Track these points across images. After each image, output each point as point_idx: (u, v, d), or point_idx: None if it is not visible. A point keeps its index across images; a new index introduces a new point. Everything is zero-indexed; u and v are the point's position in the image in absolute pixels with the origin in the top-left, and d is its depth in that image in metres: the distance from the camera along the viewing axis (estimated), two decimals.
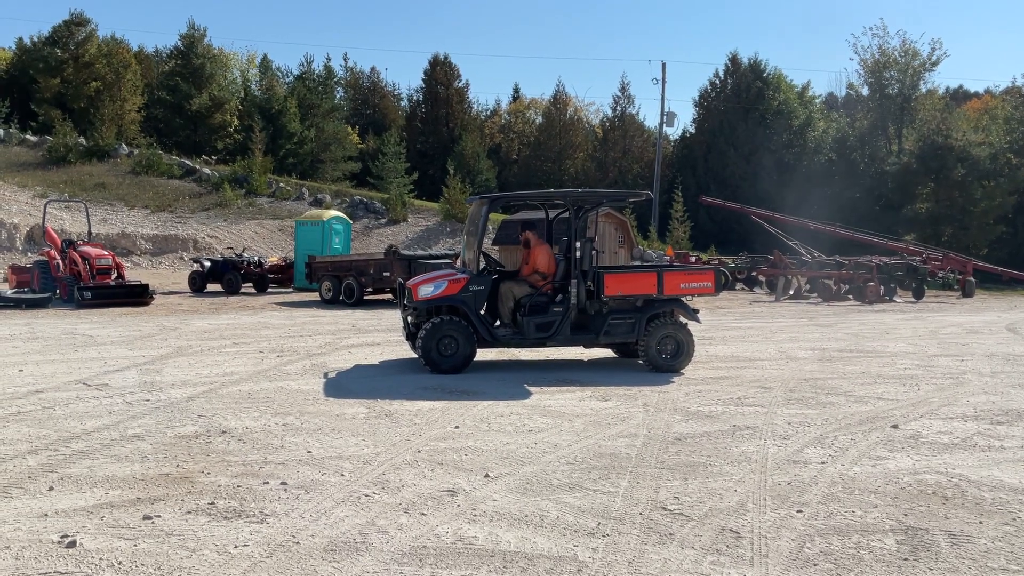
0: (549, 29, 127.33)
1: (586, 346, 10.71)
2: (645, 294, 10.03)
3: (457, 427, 7.02)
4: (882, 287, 22.96)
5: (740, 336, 13.87)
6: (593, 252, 10.30)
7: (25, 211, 30.27)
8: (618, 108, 55.64)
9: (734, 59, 52.93)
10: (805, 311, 19.38)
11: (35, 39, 50.21)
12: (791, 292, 23.83)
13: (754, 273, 26.87)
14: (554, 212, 11.34)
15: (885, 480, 5.61)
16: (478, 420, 7.29)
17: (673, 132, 54.92)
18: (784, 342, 13.09)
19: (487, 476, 5.61)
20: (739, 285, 27.03)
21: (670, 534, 4.61)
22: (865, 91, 53.11)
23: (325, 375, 9.57)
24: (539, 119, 60.85)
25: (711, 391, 8.79)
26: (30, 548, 4.27)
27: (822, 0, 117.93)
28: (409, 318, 10.34)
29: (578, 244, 10.07)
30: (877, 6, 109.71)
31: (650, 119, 77.03)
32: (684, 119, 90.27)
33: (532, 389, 8.80)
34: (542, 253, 10.40)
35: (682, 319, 10.28)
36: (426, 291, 9.88)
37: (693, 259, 28.81)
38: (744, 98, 50.46)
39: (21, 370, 9.56)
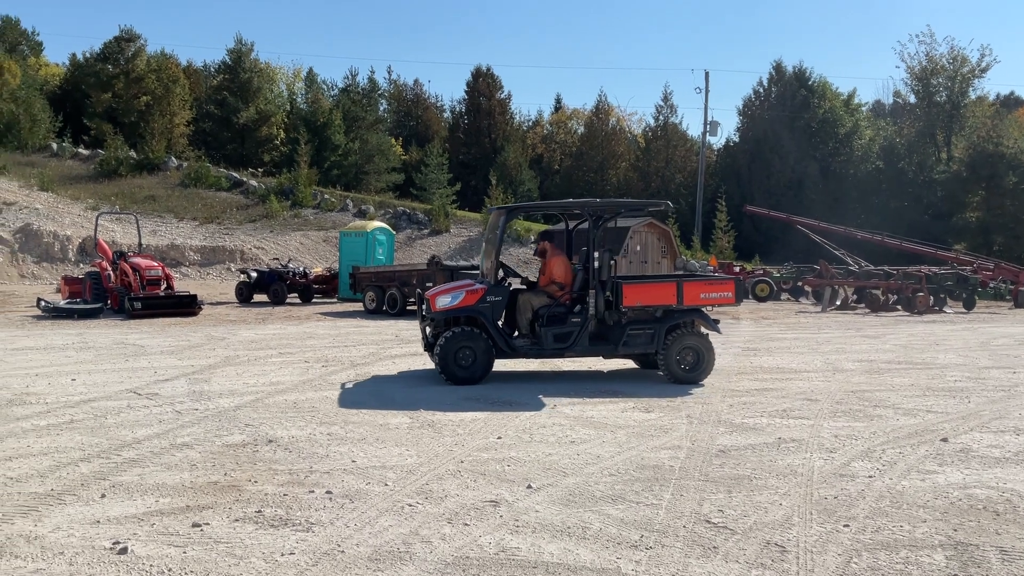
0: (591, 39, 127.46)
1: (605, 357, 10.61)
2: (664, 304, 9.95)
3: (499, 438, 7.05)
4: (932, 297, 22.54)
5: (785, 347, 13.71)
6: (612, 262, 10.25)
7: (77, 223, 31.00)
8: (661, 117, 55.48)
9: (778, 67, 52.53)
10: (852, 322, 19.10)
11: (87, 55, 51.67)
12: (837, 303, 23.49)
13: (800, 283, 26.55)
14: (574, 222, 11.23)
15: (934, 495, 5.51)
16: (520, 431, 7.31)
17: (716, 141, 54.68)
18: (830, 353, 12.92)
19: (529, 487, 5.62)
20: (784, 295, 26.72)
21: (714, 547, 4.58)
22: (912, 99, 52.37)
23: (349, 385, 9.66)
24: (581, 129, 60.93)
25: (756, 403, 8.71)
26: (83, 554, 4.38)
27: (867, 7, 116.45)
28: (428, 329, 10.31)
29: (596, 254, 9.99)
30: (924, 12, 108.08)
31: (693, 128, 76.59)
32: (727, 128, 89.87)
33: (574, 400, 8.80)
34: (558, 264, 10.34)
35: (703, 330, 10.18)
36: (444, 302, 9.89)
37: (737, 269, 28.58)
38: (789, 106, 49.99)
39: (74, 379, 9.80)
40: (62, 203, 33.52)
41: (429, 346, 10.17)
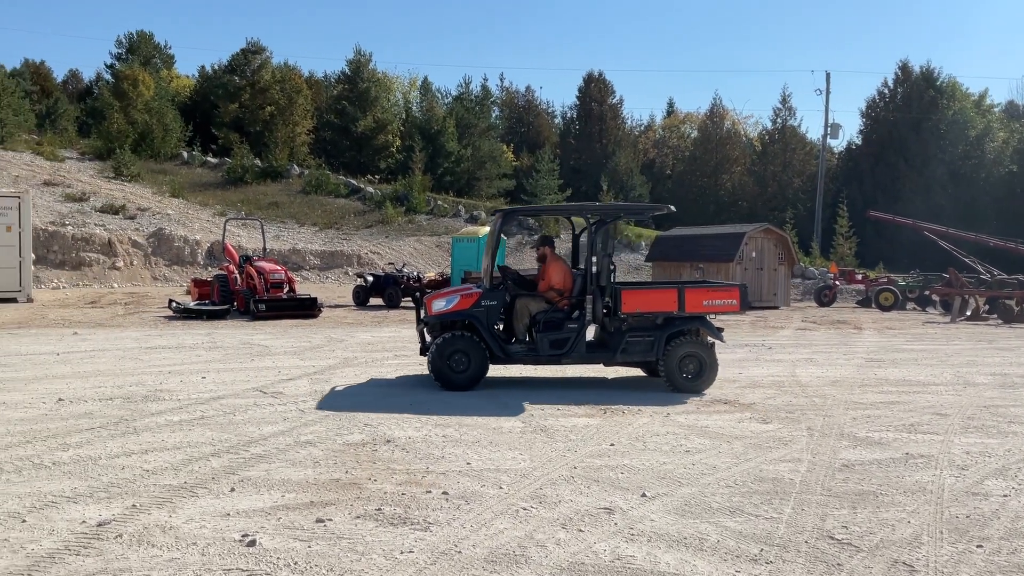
0: (705, 42, 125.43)
1: (605, 364, 10.33)
2: (665, 311, 9.67)
3: (612, 445, 7.01)
4: None
5: (912, 359, 13.13)
6: (611, 268, 10.00)
7: (206, 228, 32.53)
8: (778, 120, 54.06)
9: (904, 67, 50.42)
10: (984, 333, 18.12)
11: (216, 67, 54.21)
12: (968, 313, 22.33)
13: (927, 292, 25.36)
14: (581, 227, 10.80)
15: None
16: (633, 439, 7.26)
17: (837, 144, 52.84)
18: (961, 366, 12.30)
19: (644, 495, 5.57)
20: (910, 305, 25.59)
21: (838, 564, 4.43)
22: None
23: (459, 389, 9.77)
24: (694, 133, 60.05)
25: (881, 416, 8.37)
26: (214, 545, 4.59)
27: (1000, 5, 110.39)
28: (426, 333, 10.20)
29: (595, 259, 9.79)
30: None
31: (812, 131, 74.27)
32: (849, 130, 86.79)
33: (688, 408, 8.66)
34: (557, 269, 10.10)
35: (709, 338, 9.88)
36: (439, 306, 9.82)
37: (859, 277, 27.56)
38: (915, 107, 47.89)
39: (204, 377, 10.28)
40: (192, 209, 35.23)
41: (424, 350, 10.07)
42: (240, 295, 19.16)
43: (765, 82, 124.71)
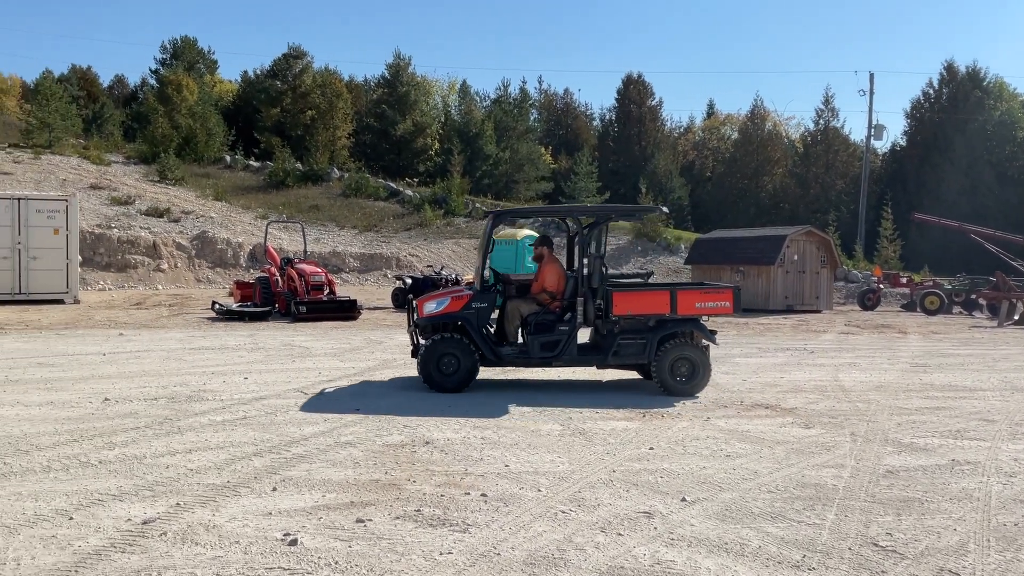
0: (746, 43, 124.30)
1: (598, 366, 10.25)
2: (657, 313, 9.56)
3: (651, 448, 6.97)
4: None
5: (958, 364, 12.88)
6: (604, 269, 9.87)
7: (248, 231, 32.95)
8: (821, 121, 53.40)
9: (950, 67, 49.59)
10: None
11: (258, 72, 54.97)
12: (1016, 317, 21.84)
13: (973, 296, 24.87)
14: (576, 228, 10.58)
15: None
16: (673, 443, 7.20)
17: (881, 145, 52.05)
18: (1009, 371, 12.04)
19: (684, 500, 5.53)
20: (956, 309, 25.10)
21: (882, 572, 4.36)
22: None
23: (501, 390, 9.76)
24: (734, 135, 59.53)
25: (926, 422, 8.22)
26: (256, 544, 4.64)
27: None
28: (416, 335, 10.15)
29: (586, 260, 9.72)
30: None
31: (856, 132, 73.18)
32: (894, 131, 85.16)
33: (728, 413, 8.58)
34: (551, 271, 9.99)
35: (704, 341, 9.76)
36: (430, 308, 9.79)
37: (904, 280, 27.10)
38: (961, 108, 47.01)
39: (246, 378, 10.41)
40: (234, 212, 35.70)
41: (416, 352, 10.01)
42: (281, 297, 19.37)
43: (808, 83, 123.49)
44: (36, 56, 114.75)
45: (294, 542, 4.63)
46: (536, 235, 27.11)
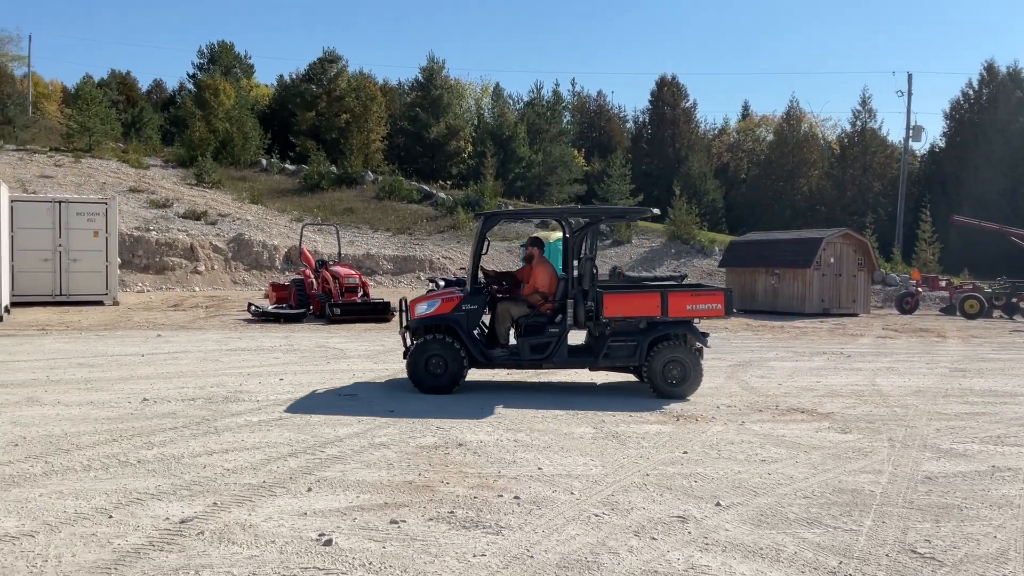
0: (782, 44, 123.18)
1: (591, 369, 10.17)
2: (648, 316, 9.49)
3: (685, 452, 6.93)
4: None
5: (999, 369, 12.65)
6: (594, 271, 9.86)
7: (284, 233, 33.24)
8: (858, 123, 52.68)
9: (990, 67, 48.73)
10: None
11: (293, 76, 55.37)
12: None
13: (1015, 300, 24.40)
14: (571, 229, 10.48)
15: None
16: (707, 447, 7.16)
17: (920, 147, 51.29)
18: None
19: (718, 504, 5.49)
20: (996, 313, 24.65)
21: None
22: None
23: (533, 392, 9.75)
24: (770, 136, 58.99)
25: (966, 428, 8.09)
26: (292, 544, 4.68)
27: None
28: (408, 336, 10.17)
29: (575, 262, 9.69)
30: None
31: (894, 134, 72.14)
32: (932, 133, 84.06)
33: (764, 417, 8.51)
34: (541, 273, 9.98)
35: (697, 343, 9.69)
36: (421, 309, 9.85)
37: (943, 283, 26.67)
38: (1002, 109, 46.17)
39: (281, 379, 10.51)
40: (270, 215, 36.05)
41: (407, 354, 10.02)
42: (316, 299, 19.52)
43: (844, 84, 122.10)
44: (77, 61, 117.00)
45: (329, 542, 4.67)
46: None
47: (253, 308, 19.59)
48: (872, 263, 24.88)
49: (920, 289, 26.16)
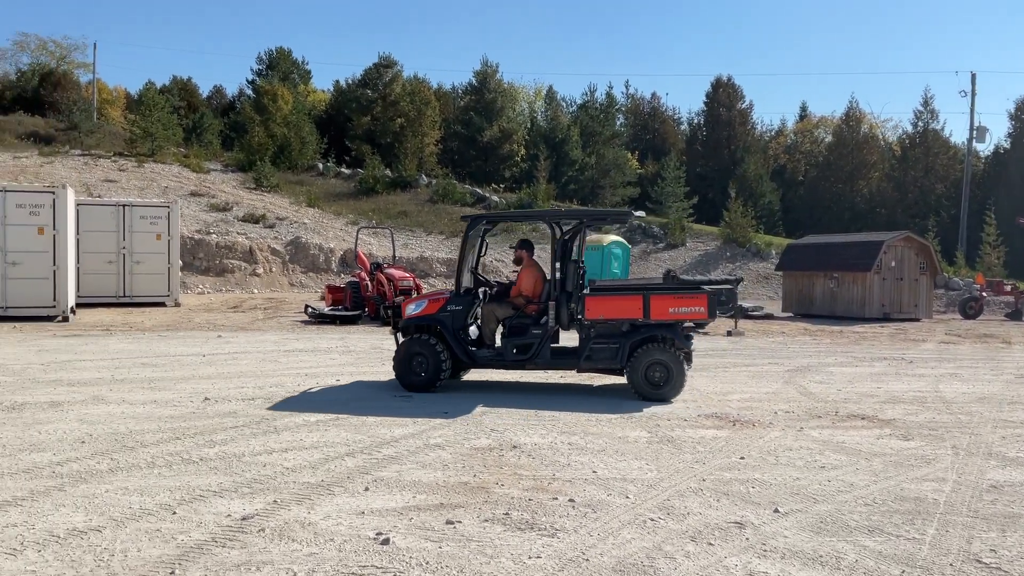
0: (841, 44, 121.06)
1: (578, 371, 10.09)
2: (630, 318, 9.43)
3: (742, 458, 6.85)
4: None
5: None
6: (579, 273, 9.86)
7: (339, 237, 33.69)
8: (919, 124, 51.59)
9: None
10: None
11: (349, 82, 56.12)
12: None
13: None
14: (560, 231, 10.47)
15: None
16: (765, 452, 7.06)
17: (984, 148, 49.96)
18: None
19: (777, 511, 5.41)
20: None
21: None
22: None
23: (586, 395, 9.72)
24: (828, 138, 58.00)
25: None
26: (350, 542, 4.74)
27: None
28: (397, 335, 10.36)
29: (558, 264, 9.73)
30: None
31: (957, 135, 70.50)
32: (997, 133, 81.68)
33: (823, 423, 8.37)
34: (527, 275, 10.10)
35: (679, 347, 9.50)
36: (411, 310, 10.07)
37: (1008, 288, 25.94)
38: None
39: (338, 380, 10.65)
40: (326, 218, 36.56)
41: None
42: (371, 301, 19.73)
43: (905, 84, 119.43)
44: (140, 68, 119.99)
45: (386, 541, 4.72)
46: (622, 240, 26.98)
47: (310, 310, 19.89)
48: (934, 267, 24.31)
49: (984, 294, 25.47)
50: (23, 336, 15.22)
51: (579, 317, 9.66)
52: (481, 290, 10.28)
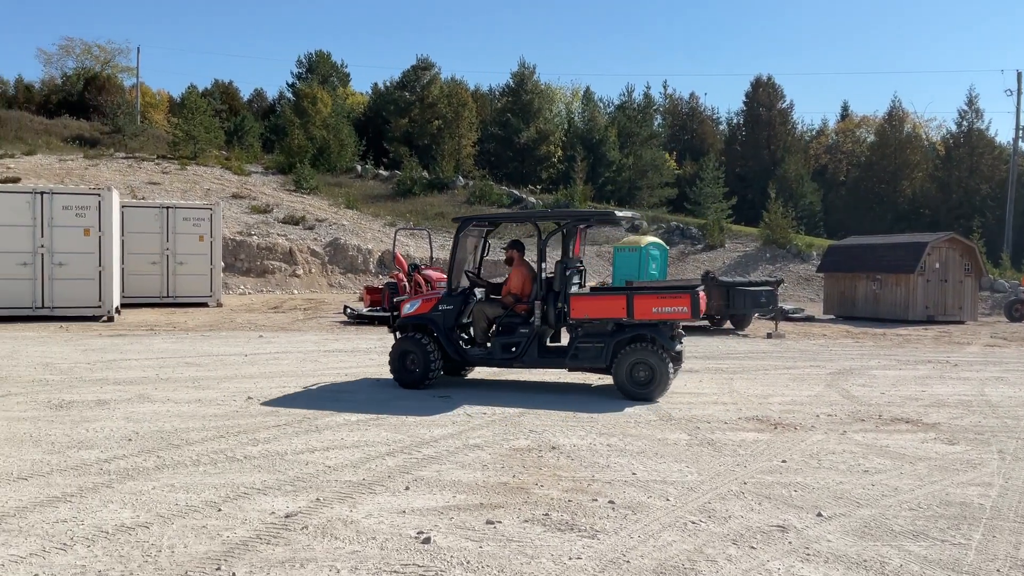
0: (883, 42, 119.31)
1: (570, 370, 10.09)
2: (614, 318, 9.49)
3: (784, 461, 6.79)
4: None
5: None
6: (566, 273, 9.94)
7: (377, 238, 33.93)
8: (964, 123, 50.60)
9: None
10: None
11: (387, 84, 56.53)
12: None
13: None
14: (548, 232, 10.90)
15: None
16: (807, 456, 7.00)
17: None
18: None
19: (820, 515, 5.36)
20: None
21: None
22: None
23: (624, 399, 9.70)
24: (871, 138, 57.18)
25: None
26: (392, 541, 4.79)
27: None
28: (394, 334, 10.59)
29: (544, 264, 9.86)
30: None
31: (1002, 134, 69.17)
32: None
33: (866, 427, 8.26)
34: (517, 275, 10.23)
35: (666, 348, 9.50)
36: (407, 309, 10.39)
37: None
38: None
39: (377, 380, 10.73)
40: (364, 219, 36.84)
41: None
42: None
43: (949, 83, 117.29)
44: (182, 72, 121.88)
45: (427, 540, 4.76)
46: (660, 242, 26.83)
47: (349, 311, 20.06)
48: (979, 268, 23.86)
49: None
50: (70, 336, 15.54)
51: (565, 317, 9.85)
52: (477, 290, 10.50)
